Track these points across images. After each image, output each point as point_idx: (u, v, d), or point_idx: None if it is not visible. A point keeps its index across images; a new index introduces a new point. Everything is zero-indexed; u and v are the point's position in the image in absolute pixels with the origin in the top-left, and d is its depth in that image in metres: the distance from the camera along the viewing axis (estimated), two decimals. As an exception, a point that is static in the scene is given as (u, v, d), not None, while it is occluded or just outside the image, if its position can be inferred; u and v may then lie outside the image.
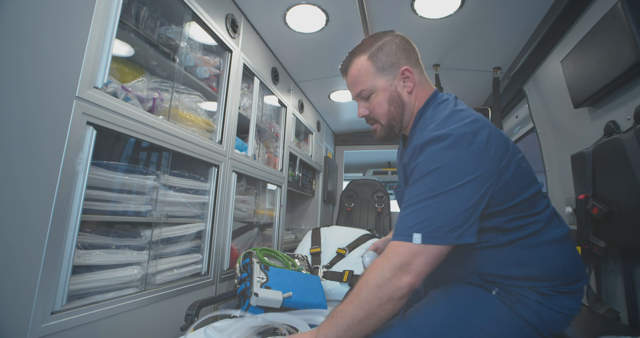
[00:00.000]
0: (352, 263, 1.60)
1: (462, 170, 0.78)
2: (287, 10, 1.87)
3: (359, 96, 1.01)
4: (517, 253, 0.88)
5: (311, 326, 0.98)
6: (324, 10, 1.86)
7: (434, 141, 0.81)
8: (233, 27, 1.78)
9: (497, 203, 0.83)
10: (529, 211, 0.87)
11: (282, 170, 2.52)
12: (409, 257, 0.77)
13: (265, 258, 1.41)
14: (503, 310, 0.86)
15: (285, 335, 0.98)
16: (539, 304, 0.85)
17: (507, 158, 0.84)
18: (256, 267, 1.25)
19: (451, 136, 0.80)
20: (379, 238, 1.83)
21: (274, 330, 1.03)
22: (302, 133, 3.22)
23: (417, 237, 0.77)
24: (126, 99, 1.17)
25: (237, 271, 1.35)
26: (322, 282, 1.44)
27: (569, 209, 1.60)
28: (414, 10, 1.83)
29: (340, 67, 1.05)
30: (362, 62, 0.98)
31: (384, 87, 0.97)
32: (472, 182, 0.78)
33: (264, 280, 1.20)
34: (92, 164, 0.99)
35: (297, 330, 0.97)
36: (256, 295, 1.08)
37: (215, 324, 0.94)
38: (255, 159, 2.06)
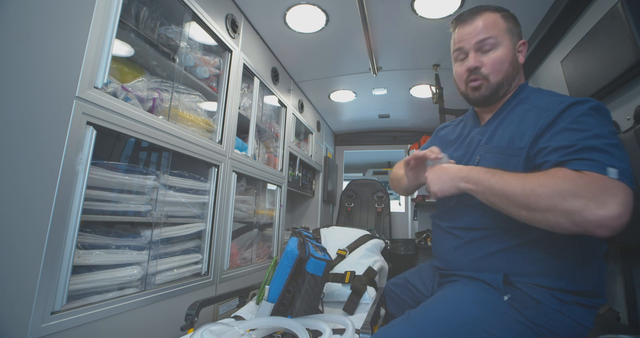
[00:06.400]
0: (353, 263, 1.59)
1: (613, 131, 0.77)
2: (287, 10, 1.87)
3: (479, 44, 0.95)
4: (560, 257, 0.83)
5: (309, 331, 0.97)
6: (324, 10, 1.86)
7: (581, 103, 0.81)
8: (233, 27, 1.78)
9: None
10: None
11: (282, 170, 2.52)
12: (603, 191, 0.66)
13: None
14: (514, 317, 0.83)
15: None
16: (558, 312, 0.82)
17: None
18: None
19: (593, 101, 0.82)
20: (379, 238, 1.82)
21: (271, 334, 1.03)
22: (302, 133, 3.22)
23: (612, 171, 0.68)
24: (126, 99, 1.17)
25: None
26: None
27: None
28: (414, 10, 1.83)
29: (458, 15, 1.01)
30: (495, 16, 0.96)
31: (509, 46, 0.95)
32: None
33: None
34: (92, 164, 0.99)
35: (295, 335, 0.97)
36: None
37: (212, 328, 0.93)
38: (255, 159, 2.06)
